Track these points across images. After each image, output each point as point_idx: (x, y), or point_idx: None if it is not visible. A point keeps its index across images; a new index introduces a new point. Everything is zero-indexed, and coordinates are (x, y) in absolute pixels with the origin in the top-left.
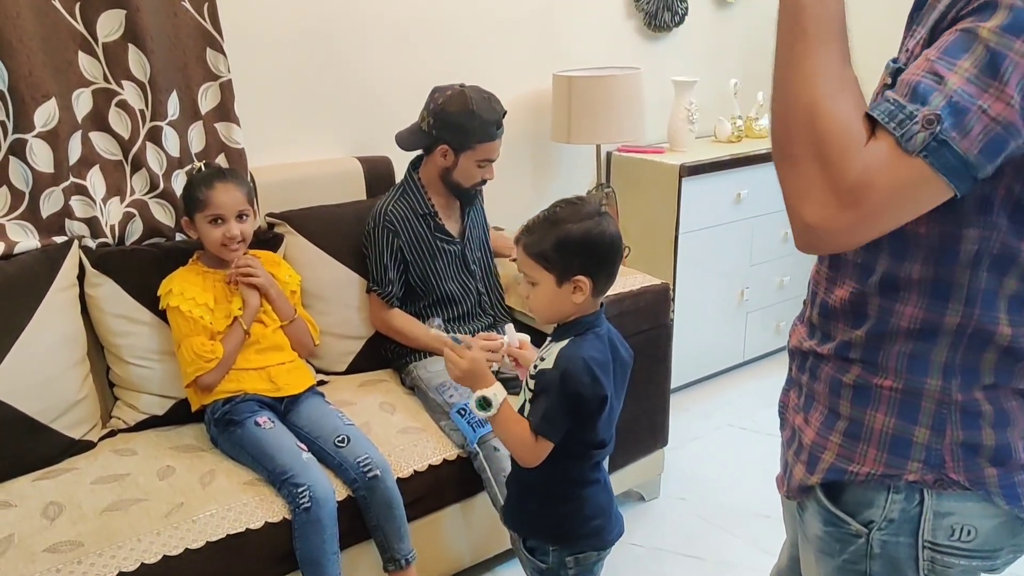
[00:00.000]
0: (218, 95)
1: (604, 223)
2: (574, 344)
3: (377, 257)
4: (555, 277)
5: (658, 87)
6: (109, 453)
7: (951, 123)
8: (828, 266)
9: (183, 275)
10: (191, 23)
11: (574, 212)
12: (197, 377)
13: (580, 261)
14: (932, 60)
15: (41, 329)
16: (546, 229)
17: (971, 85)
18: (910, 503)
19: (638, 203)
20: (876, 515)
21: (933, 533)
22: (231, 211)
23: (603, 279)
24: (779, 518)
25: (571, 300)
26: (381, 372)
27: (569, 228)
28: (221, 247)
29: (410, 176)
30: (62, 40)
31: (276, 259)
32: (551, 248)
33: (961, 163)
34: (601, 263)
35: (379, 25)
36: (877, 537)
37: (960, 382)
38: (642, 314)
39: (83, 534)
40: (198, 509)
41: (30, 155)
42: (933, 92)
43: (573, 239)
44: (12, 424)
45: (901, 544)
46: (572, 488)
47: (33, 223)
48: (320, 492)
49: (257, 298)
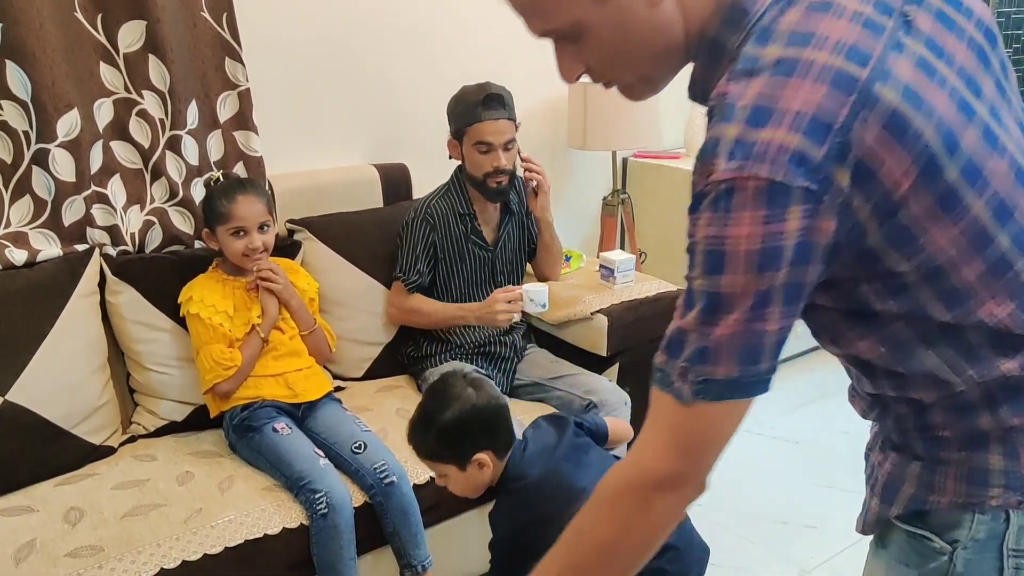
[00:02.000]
0: (236, 104)
1: (472, 397)
2: (497, 503)
3: (410, 248)
4: (455, 466)
5: (674, 93)
6: (129, 459)
7: (699, 362)
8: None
9: (203, 282)
10: (210, 33)
11: (441, 401)
12: (215, 384)
13: (469, 442)
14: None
15: (63, 336)
16: (424, 430)
17: (702, 327)
18: (996, 522)
19: (654, 209)
20: (962, 535)
21: (1017, 541)
22: (253, 223)
23: (500, 443)
24: (797, 524)
25: (482, 477)
26: (398, 378)
27: (443, 420)
28: (243, 258)
29: (456, 176)
30: (84, 51)
31: (294, 267)
32: (436, 445)
33: (735, 382)
34: (488, 433)
35: (395, 34)
36: (962, 556)
37: (1008, 409)
38: (658, 320)
39: (104, 539)
40: (217, 514)
41: (52, 164)
42: (680, 344)
43: (451, 429)
44: (34, 429)
45: (986, 559)
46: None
47: (55, 231)
48: (337, 498)
49: (276, 306)
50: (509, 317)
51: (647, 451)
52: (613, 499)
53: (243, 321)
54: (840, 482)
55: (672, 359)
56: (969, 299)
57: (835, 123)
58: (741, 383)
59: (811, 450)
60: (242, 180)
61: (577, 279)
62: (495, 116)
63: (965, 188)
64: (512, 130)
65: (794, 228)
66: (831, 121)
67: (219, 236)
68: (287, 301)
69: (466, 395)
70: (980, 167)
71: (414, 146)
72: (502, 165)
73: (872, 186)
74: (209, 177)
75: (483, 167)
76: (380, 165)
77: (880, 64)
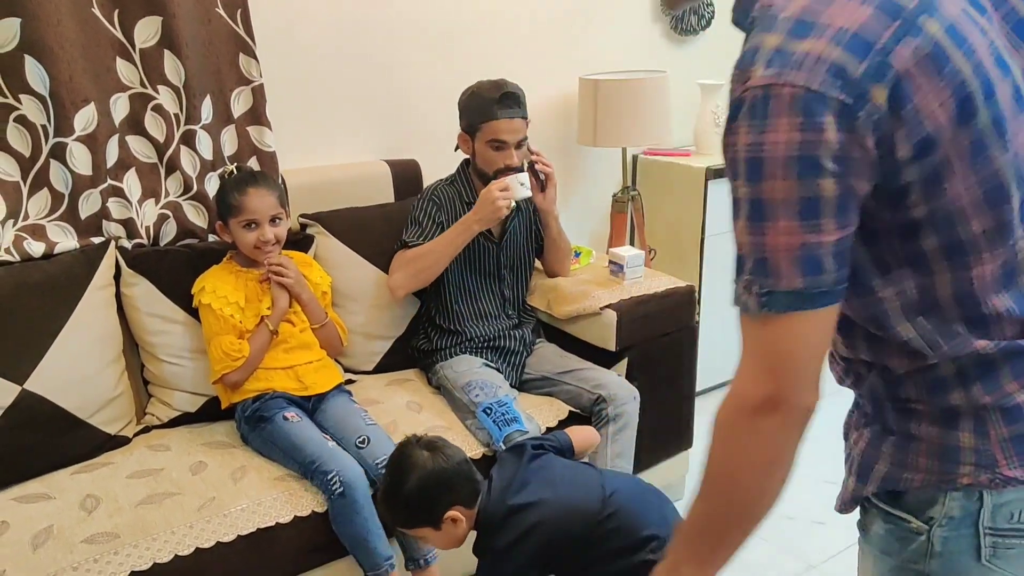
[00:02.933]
0: (250, 99)
1: (429, 462)
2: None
3: (417, 216)
4: (431, 528)
5: (684, 90)
6: (144, 448)
7: (761, 275)
8: None
9: (216, 273)
10: (224, 29)
11: (400, 474)
12: (224, 375)
13: (436, 504)
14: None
15: (79, 327)
16: (391, 505)
17: (753, 236)
18: (969, 499)
19: (664, 206)
20: (937, 512)
21: (993, 520)
22: (264, 216)
23: (465, 496)
24: (806, 520)
25: (457, 531)
26: (408, 371)
27: (405, 491)
28: (255, 250)
29: (462, 168)
30: (101, 46)
31: (308, 260)
32: (405, 515)
33: (800, 294)
34: (450, 490)
35: (408, 30)
36: (938, 534)
37: (981, 387)
38: (667, 316)
39: (119, 526)
40: (229, 503)
41: (70, 158)
42: (742, 260)
43: (415, 497)
44: (52, 419)
45: (963, 536)
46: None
47: (72, 224)
48: (349, 476)
49: (286, 299)
50: (508, 203)
51: (739, 378)
52: (723, 432)
53: (254, 312)
54: None
55: (739, 276)
56: (968, 254)
57: (877, 43)
58: (806, 295)
59: (818, 445)
60: (254, 173)
61: (586, 275)
62: (510, 115)
63: (993, 139)
64: (524, 129)
65: (832, 139)
66: (873, 40)
67: (231, 228)
68: (298, 295)
69: (422, 461)
70: (1007, 124)
71: (425, 142)
72: (513, 163)
73: (908, 115)
74: (223, 170)
75: (495, 164)
76: (391, 161)
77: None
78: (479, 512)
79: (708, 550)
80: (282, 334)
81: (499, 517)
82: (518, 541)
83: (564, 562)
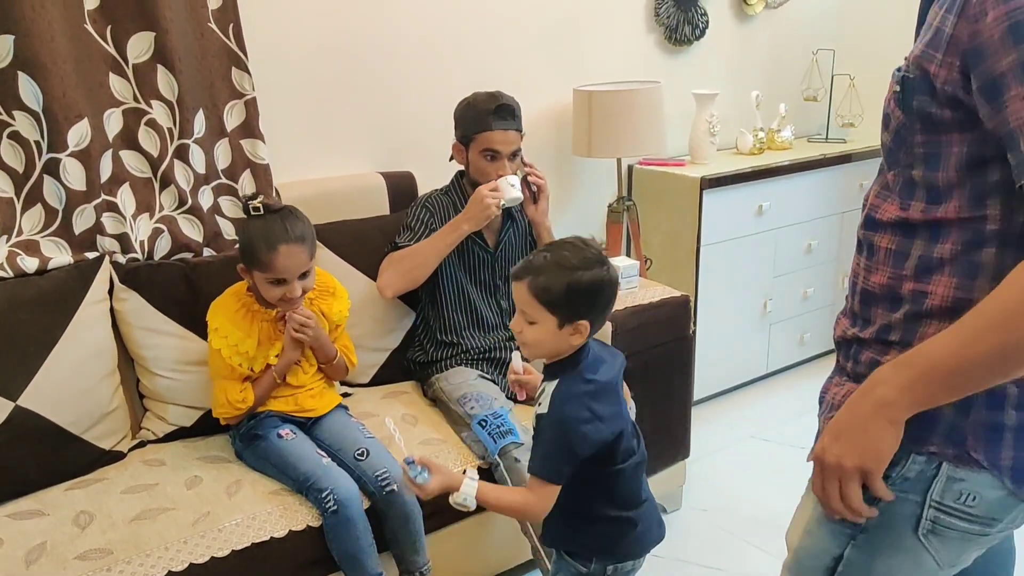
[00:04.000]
0: (243, 112)
1: (611, 270)
2: (566, 384)
3: (406, 225)
4: (558, 320)
5: (679, 100)
6: (138, 463)
7: None
8: (865, 255)
9: (231, 310)
10: (217, 43)
11: (583, 258)
12: (224, 418)
13: (586, 307)
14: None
15: (74, 342)
16: (556, 274)
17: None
18: (928, 466)
19: (659, 216)
20: (893, 472)
21: (942, 495)
22: (294, 274)
23: (600, 323)
24: None
25: (568, 342)
26: (404, 384)
27: (581, 275)
28: (280, 302)
29: (456, 179)
30: (94, 62)
31: (332, 287)
32: (561, 294)
33: None
34: (604, 309)
35: (402, 43)
36: None
37: None
38: (663, 326)
39: (113, 542)
40: (224, 518)
41: (63, 173)
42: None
43: (584, 286)
44: (45, 435)
45: (908, 501)
46: (617, 510)
47: (66, 239)
48: (343, 493)
49: (298, 353)
50: (497, 202)
51: None
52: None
53: (263, 358)
54: None
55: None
56: None
57: None
58: None
59: None
60: (287, 223)
61: None
62: (505, 127)
63: None
64: (519, 141)
65: None
66: None
67: (255, 279)
68: (309, 345)
69: (607, 266)
70: None
71: (420, 154)
72: (506, 174)
73: None
74: (248, 202)
75: (488, 174)
76: (386, 173)
77: None
78: (580, 352)
79: (948, 389)
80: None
81: (577, 378)
82: (585, 403)
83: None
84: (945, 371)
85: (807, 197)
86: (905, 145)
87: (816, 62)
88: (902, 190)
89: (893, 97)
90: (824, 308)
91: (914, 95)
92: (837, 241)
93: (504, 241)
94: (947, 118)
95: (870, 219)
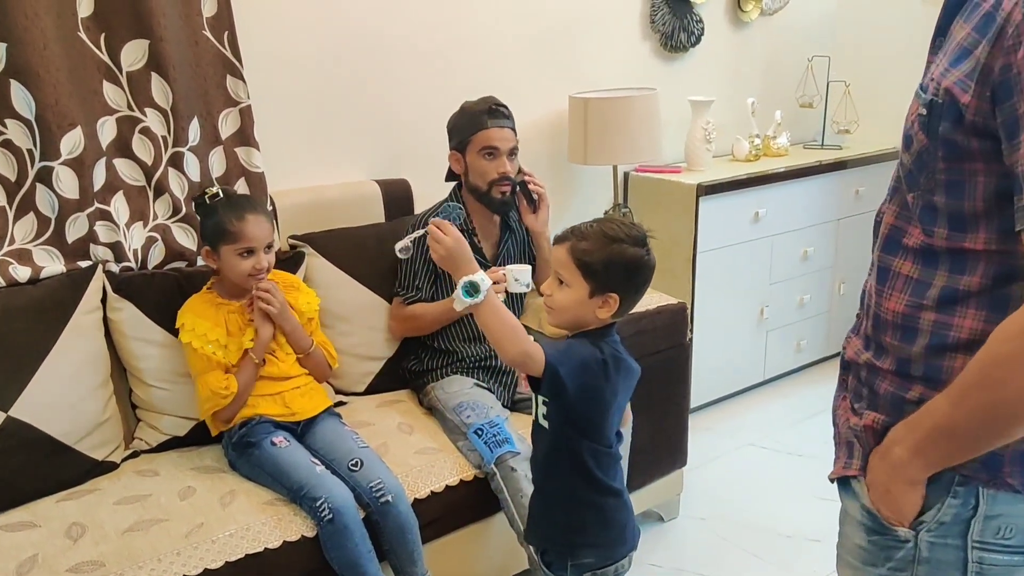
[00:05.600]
0: (238, 120)
1: (651, 255)
2: (586, 338)
3: (408, 263)
4: (591, 288)
5: (675, 107)
6: (131, 474)
7: None
8: (878, 280)
9: (196, 307)
10: (212, 51)
11: (630, 234)
12: (214, 412)
13: (621, 281)
14: None
15: (66, 352)
16: (601, 242)
17: None
18: (965, 508)
19: (656, 222)
20: (928, 517)
21: (982, 534)
22: (262, 243)
23: (629, 303)
24: (801, 538)
25: (595, 313)
26: (399, 392)
27: (624, 249)
28: (248, 278)
29: (454, 194)
30: (88, 70)
31: (295, 283)
32: (600, 262)
33: None
34: (638, 289)
35: (396, 50)
36: (925, 539)
37: None
38: (660, 334)
39: (105, 554)
40: (218, 529)
41: (56, 182)
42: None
43: (624, 261)
44: (37, 445)
45: (949, 546)
46: (594, 494)
47: (59, 248)
48: (338, 502)
49: (270, 330)
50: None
51: None
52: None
53: (237, 347)
54: None
55: None
56: None
57: None
58: None
59: (814, 463)
60: (248, 198)
61: None
62: (500, 124)
63: None
64: (515, 139)
65: None
66: None
67: (223, 256)
68: (280, 325)
69: (646, 246)
70: None
71: (415, 161)
72: (508, 171)
73: None
74: (205, 193)
75: (489, 174)
76: (382, 181)
77: None
78: (605, 328)
79: (953, 450)
80: (267, 368)
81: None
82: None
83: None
84: (946, 433)
85: (803, 204)
86: (927, 170)
87: (811, 69)
88: (923, 215)
89: (917, 119)
90: (820, 315)
91: (940, 121)
92: (833, 248)
93: (503, 253)
94: (973, 148)
95: (891, 242)
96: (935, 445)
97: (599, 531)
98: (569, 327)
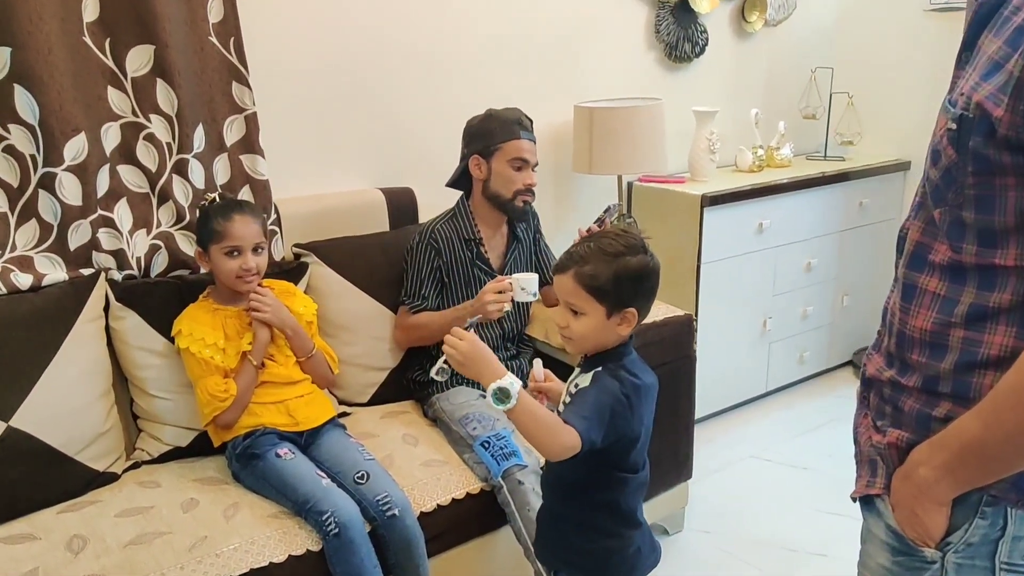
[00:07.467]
0: (243, 128)
1: (654, 257)
2: (611, 369)
3: (415, 272)
4: (606, 309)
5: (679, 117)
6: (133, 485)
7: None
8: (903, 297)
9: (193, 314)
10: (217, 57)
11: (627, 244)
12: (215, 416)
13: (633, 294)
14: None
15: (68, 361)
16: (603, 262)
17: None
18: (993, 528)
19: (660, 233)
20: (955, 538)
21: (1010, 555)
22: (248, 243)
23: (645, 311)
24: (804, 552)
25: (616, 331)
26: (403, 403)
27: (628, 261)
28: (236, 279)
29: (461, 203)
30: (92, 75)
31: (291, 289)
32: (609, 281)
33: None
34: (649, 296)
35: (402, 59)
36: (952, 560)
37: None
38: (665, 345)
39: (107, 568)
40: (221, 543)
41: (59, 188)
42: None
43: (631, 273)
44: (37, 456)
45: (977, 568)
46: (621, 527)
47: (61, 255)
48: (344, 516)
49: (267, 333)
50: (499, 307)
51: None
52: None
53: (235, 350)
54: (848, 509)
55: None
56: None
57: None
58: None
59: (818, 476)
60: (239, 200)
61: None
62: (530, 137)
63: None
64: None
65: None
66: None
67: (212, 256)
68: (281, 329)
69: (650, 252)
70: None
71: (420, 170)
72: (533, 183)
73: None
74: (205, 198)
75: (515, 184)
76: (386, 189)
77: None
78: (624, 345)
79: (983, 471)
80: (268, 372)
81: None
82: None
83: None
84: (976, 453)
85: (807, 215)
86: (955, 185)
87: (815, 80)
88: (950, 231)
89: (946, 134)
90: (823, 327)
91: (971, 135)
92: (836, 260)
93: (509, 263)
94: (1005, 162)
95: (917, 258)
96: (964, 465)
97: (620, 562)
98: (593, 351)
